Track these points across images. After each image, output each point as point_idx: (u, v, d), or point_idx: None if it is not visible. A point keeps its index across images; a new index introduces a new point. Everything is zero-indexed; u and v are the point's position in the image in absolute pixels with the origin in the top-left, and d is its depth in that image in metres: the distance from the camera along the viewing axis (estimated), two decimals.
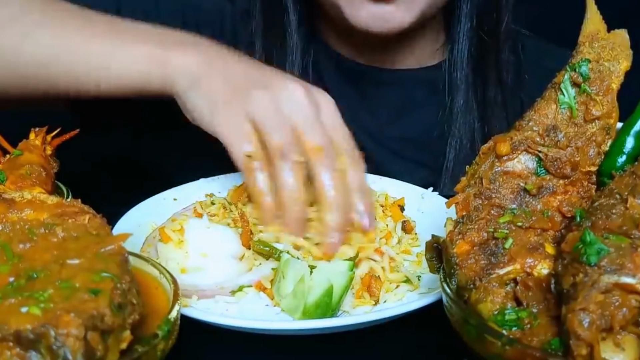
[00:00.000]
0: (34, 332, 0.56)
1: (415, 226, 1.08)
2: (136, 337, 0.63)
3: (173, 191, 1.16)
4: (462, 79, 1.36)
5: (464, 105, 1.36)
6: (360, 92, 1.42)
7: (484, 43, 1.34)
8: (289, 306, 0.89)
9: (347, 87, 1.41)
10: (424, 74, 1.42)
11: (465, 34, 1.34)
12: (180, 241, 0.96)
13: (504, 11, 1.33)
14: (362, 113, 1.41)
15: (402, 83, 1.41)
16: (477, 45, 1.34)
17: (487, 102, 1.37)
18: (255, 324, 0.84)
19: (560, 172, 0.78)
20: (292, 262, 0.91)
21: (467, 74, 1.36)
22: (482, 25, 1.33)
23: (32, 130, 1.04)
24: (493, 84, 1.36)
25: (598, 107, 0.79)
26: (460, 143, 1.36)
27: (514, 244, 0.73)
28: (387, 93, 1.41)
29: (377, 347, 0.89)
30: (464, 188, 0.80)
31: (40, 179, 0.93)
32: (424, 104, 1.41)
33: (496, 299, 0.70)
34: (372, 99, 1.42)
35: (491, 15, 1.33)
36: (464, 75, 1.36)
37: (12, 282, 0.63)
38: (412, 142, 1.41)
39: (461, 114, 1.36)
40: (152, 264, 0.77)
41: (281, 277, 0.91)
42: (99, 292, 0.60)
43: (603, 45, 0.82)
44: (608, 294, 0.61)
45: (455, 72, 1.36)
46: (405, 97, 1.42)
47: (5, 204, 0.73)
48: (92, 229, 0.71)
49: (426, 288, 0.94)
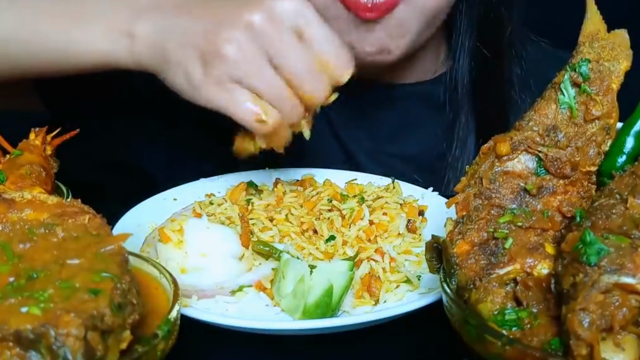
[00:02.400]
0: (34, 332, 0.56)
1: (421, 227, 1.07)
2: (136, 337, 0.63)
3: (173, 191, 1.16)
4: (463, 94, 1.32)
5: (464, 122, 1.32)
6: (358, 110, 1.36)
7: (485, 57, 1.29)
8: (289, 306, 0.89)
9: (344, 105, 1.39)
10: (423, 89, 1.37)
11: (465, 48, 1.30)
12: (179, 241, 0.96)
13: (506, 24, 1.29)
14: (359, 131, 1.37)
15: (401, 99, 1.37)
16: (478, 60, 1.30)
17: (487, 118, 1.32)
18: (255, 324, 0.84)
19: (560, 172, 0.78)
20: (292, 262, 0.91)
21: (468, 90, 1.32)
22: (483, 38, 1.29)
23: (32, 130, 1.04)
24: (495, 99, 1.32)
25: (598, 107, 0.79)
26: (460, 164, 1.31)
27: (514, 244, 0.73)
28: (385, 110, 1.37)
29: (377, 347, 0.89)
30: (464, 188, 0.80)
31: (40, 179, 0.93)
32: (424, 121, 1.37)
33: (496, 299, 0.70)
34: (370, 116, 1.37)
35: (492, 28, 1.29)
36: (465, 91, 1.32)
37: (12, 282, 0.63)
38: (411, 160, 1.37)
39: (462, 131, 1.32)
40: (152, 264, 0.77)
41: (281, 277, 0.91)
42: (99, 292, 0.60)
43: (603, 45, 0.82)
44: (608, 294, 0.61)
45: (456, 87, 1.32)
46: (404, 113, 1.37)
47: (5, 204, 0.73)
48: (92, 229, 0.71)
49: (426, 288, 0.94)
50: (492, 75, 1.32)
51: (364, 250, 0.97)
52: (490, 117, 1.32)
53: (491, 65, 1.31)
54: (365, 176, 1.20)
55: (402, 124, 1.38)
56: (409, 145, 1.38)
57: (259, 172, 1.22)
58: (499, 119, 1.31)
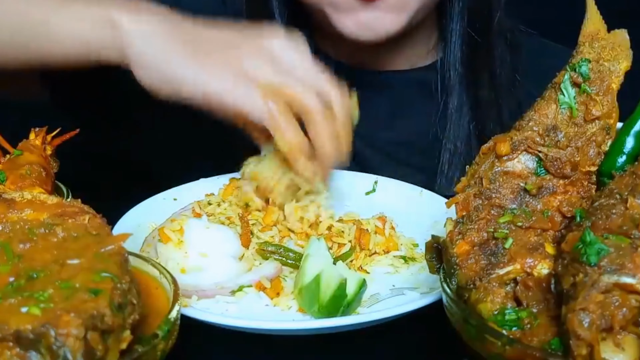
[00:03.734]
0: (34, 332, 0.56)
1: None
2: (136, 337, 0.63)
3: (173, 191, 1.16)
4: (455, 80, 1.34)
5: (457, 107, 1.34)
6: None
7: (476, 42, 1.32)
8: (304, 302, 0.89)
9: None
10: (416, 75, 1.40)
11: (457, 33, 1.32)
12: (179, 241, 0.96)
13: (495, 8, 1.31)
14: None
15: (394, 85, 1.40)
16: (469, 44, 1.32)
17: (480, 103, 1.35)
18: (255, 324, 0.84)
19: (560, 172, 0.78)
20: (311, 259, 0.91)
21: (460, 74, 1.34)
22: (474, 23, 1.31)
23: (32, 130, 1.04)
24: (486, 83, 1.34)
25: (598, 107, 0.79)
26: (454, 145, 1.34)
27: (514, 244, 0.73)
28: (379, 96, 1.39)
29: (377, 347, 0.89)
30: (464, 188, 0.80)
31: (40, 179, 0.93)
32: (418, 106, 1.40)
33: (496, 299, 0.70)
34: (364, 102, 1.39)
35: (482, 13, 1.31)
36: (457, 75, 1.34)
37: (12, 282, 0.63)
38: (406, 145, 1.40)
39: (455, 115, 1.34)
40: (152, 264, 0.77)
41: (300, 274, 0.91)
42: (99, 292, 0.60)
43: (603, 45, 0.82)
44: (608, 294, 0.61)
45: (448, 73, 1.34)
46: (398, 99, 1.40)
47: (5, 204, 0.73)
48: (92, 229, 0.70)
49: (426, 288, 0.94)
50: (483, 60, 1.34)
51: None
52: (483, 100, 1.35)
53: (481, 50, 1.33)
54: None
55: (397, 110, 1.40)
56: (404, 130, 1.40)
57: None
58: (491, 102, 1.34)
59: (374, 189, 1.21)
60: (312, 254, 0.92)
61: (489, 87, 1.35)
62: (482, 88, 1.34)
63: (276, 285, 0.93)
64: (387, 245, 1.02)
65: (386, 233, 1.03)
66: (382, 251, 1.02)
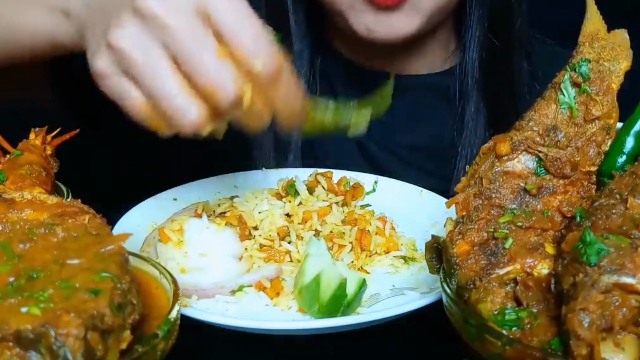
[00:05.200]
0: (34, 332, 0.56)
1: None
2: (136, 337, 0.63)
3: (173, 191, 1.16)
4: (472, 86, 1.33)
5: (474, 113, 1.33)
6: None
7: (495, 48, 1.31)
8: (304, 302, 0.89)
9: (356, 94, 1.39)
10: (434, 80, 1.40)
11: (476, 39, 1.31)
12: (179, 241, 0.96)
13: (516, 15, 1.30)
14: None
15: (412, 89, 1.39)
16: (488, 51, 1.31)
17: (498, 110, 1.33)
18: (255, 324, 0.84)
19: (560, 172, 0.78)
20: (311, 259, 0.91)
21: (478, 80, 1.33)
22: (494, 29, 1.30)
23: (32, 130, 1.04)
24: (505, 91, 1.33)
25: (598, 107, 0.79)
26: (470, 152, 1.33)
27: (514, 244, 0.73)
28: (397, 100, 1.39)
29: (378, 347, 0.89)
30: (464, 188, 0.80)
31: (40, 179, 0.93)
32: (435, 111, 1.39)
33: (496, 299, 0.70)
34: None
35: (503, 19, 1.30)
36: (475, 82, 1.33)
37: (12, 282, 0.63)
38: (422, 150, 1.39)
39: (472, 122, 1.33)
40: (152, 264, 0.77)
41: (300, 273, 0.90)
42: (99, 292, 0.60)
43: (603, 45, 0.82)
44: (608, 294, 0.61)
45: (466, 79, 1.34)
46: (416, 104, 1.39)
47: (5, 204, 0.73)
48: (92, 229, 0.70)
49: (426, 288, 0.94)
50: (502, 67, 1.33)
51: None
52: (500, 107, 1.33)
53: (500, 56, 1.32)
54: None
55: (413, 114, 1.40)
56: (420, 135, 1.39)
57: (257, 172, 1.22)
58: (509, 109, 1.32)
59: (374, 189, 1.21)
60: (312, 254, 0.92)
61: (507, 94, 1.34)
62: (499, 95, 1.34)
63: (276, 285, 0.93)
64: (387, 245, 1.03)
65: (386, 233, 1.03)
66: (383, 251, 1.02)
